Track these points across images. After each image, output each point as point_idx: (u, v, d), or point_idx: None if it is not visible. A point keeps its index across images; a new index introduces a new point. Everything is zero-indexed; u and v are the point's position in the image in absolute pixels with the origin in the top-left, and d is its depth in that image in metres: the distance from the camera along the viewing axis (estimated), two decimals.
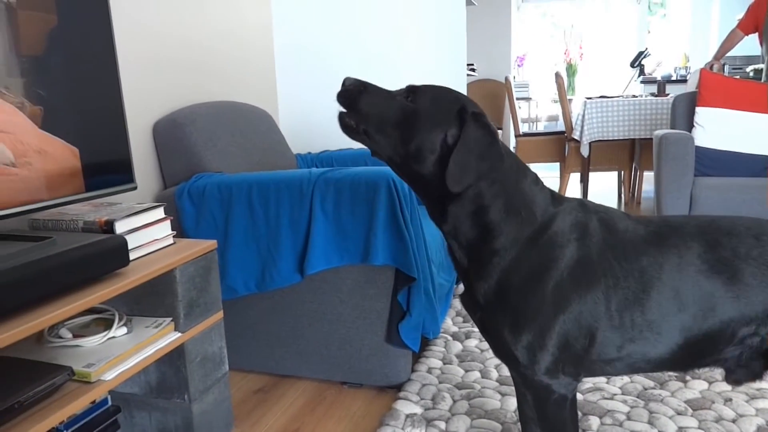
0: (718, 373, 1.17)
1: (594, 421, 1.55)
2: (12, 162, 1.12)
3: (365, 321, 1.73)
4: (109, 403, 1.40)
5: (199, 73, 2.21)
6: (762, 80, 4.06)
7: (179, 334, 1.34)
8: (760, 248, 1.04)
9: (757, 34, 4.10)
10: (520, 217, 1.06)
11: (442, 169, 1.02)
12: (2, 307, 0.96)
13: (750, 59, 5.85)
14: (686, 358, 1.08)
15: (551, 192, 1.11)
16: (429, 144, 1.03)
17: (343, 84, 1.09)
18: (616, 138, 4.35)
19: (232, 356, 1.81)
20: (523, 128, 5.55)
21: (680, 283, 1.03)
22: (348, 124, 1.08)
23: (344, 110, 1.08)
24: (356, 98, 1.07)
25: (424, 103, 1.05)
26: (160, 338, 1.29)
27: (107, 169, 1.37)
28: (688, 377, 1.77)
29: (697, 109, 3.09)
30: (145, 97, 1.93)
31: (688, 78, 5.55)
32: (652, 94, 4.81)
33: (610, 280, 1.04)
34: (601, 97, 4.56)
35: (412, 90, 1.08)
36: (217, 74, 2.32)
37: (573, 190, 5.07)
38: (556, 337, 1.04)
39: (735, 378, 1.13)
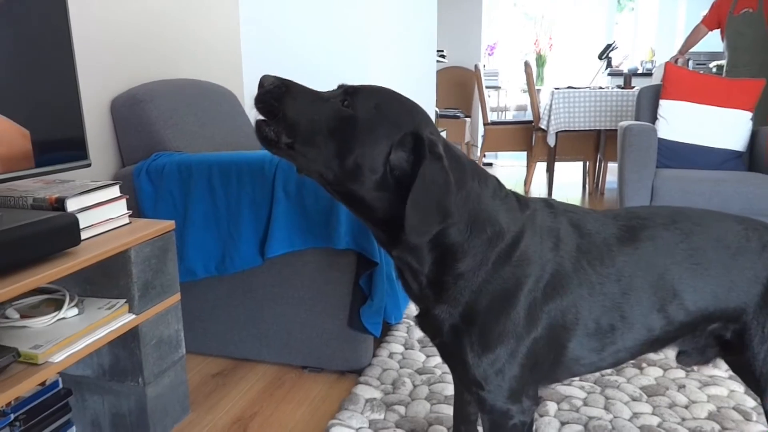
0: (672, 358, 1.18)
1: (551, 407, 1.57)
2: None
3: (327, 305, 1.71)
4: (60, 385, 1.36)
5: (161, 49, 2.14)
6: (723, 76, 4.15)
7: (133, 316, 1.30)
8: (728, 241, 1.03)
9: (719, 30, 4.19)
10: (485, 234, 0.95)
11: (384, 193, 0.89)
12: None
13: (714, 55, 5.97)
14: (657, 345, 1.07)
15: (516, 196, 1.02)
16: (369, 161, 0.87)
17: (261, 84, 0.90)
18: (581, 128, 4.40)
19: (190, 339, 1.77)
20: (492, 117, 5.57)
21: (658, 276, 1.00)
22: (268, 135, 0.90)
23: (263, 118, 0.90)
24: (279, 103, 0.89)
25: (365, 109, 0.88)
26: (113, 320, 1.26)
27: (59, 145, 1.31)
28: (644, 364, 1.80)
29: (661, 102, 3.14)
30: (103, 73, 1.86)
31: (653, 71, 5.64)
32: (619, 87, 4.87)
33: (585, 290, 0.97)
34: (568, 87, 4.60)
35: (349, 92, 0.90)
36: (179, 52, 2.25)
37: (539, 180, 5.13)
38: (526, 358, 0.96)
39: (686, 360, 1.14)
